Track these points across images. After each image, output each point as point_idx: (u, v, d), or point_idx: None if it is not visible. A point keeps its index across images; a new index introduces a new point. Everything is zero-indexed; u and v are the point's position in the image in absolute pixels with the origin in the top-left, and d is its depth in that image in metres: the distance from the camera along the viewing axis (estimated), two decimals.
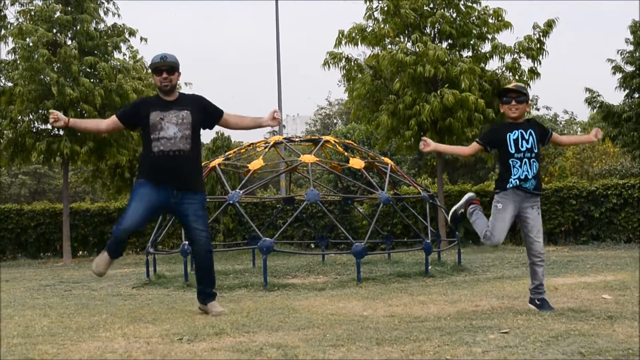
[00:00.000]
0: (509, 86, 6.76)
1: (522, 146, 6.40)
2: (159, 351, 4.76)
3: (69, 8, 19.57)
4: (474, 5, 18.36)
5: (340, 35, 18.37)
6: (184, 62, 7.15)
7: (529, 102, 6.74)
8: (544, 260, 6.48)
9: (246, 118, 7.29)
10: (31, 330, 5.92)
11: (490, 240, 6.48)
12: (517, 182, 6.37)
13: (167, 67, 6.82)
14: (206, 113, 7.03)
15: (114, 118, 7.11)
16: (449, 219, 7.26)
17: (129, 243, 21.24)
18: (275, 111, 7.21)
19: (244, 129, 7.43)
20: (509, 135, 6.45)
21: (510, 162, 6.42)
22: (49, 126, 19.74)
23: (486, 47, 18.49)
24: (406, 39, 18.30)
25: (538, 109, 42.56)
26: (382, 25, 18.38)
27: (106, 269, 6.84)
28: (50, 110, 6.93)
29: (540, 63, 18.12)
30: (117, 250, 6.85)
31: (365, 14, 18.60)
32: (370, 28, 18.49)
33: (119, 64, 19.81)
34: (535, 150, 6.43)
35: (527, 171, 6.39)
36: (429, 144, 6.92)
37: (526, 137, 6.43)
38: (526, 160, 6.39)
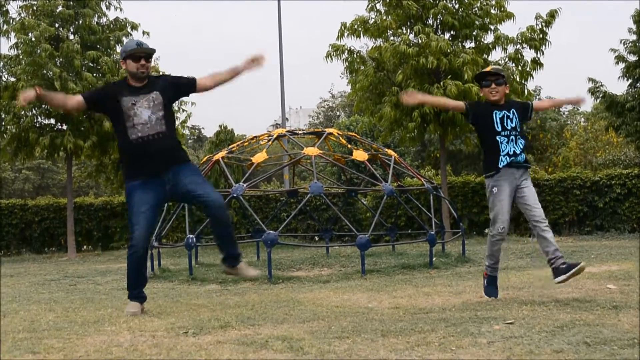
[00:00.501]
0: (487, 69, 6.81)
1: (507, 125, 6.53)
2: (165, 345, 4.77)
3: (71, 2, 19.54)
4: None
5: (343, 28, 18.33)
6: (186, 54, 7.12)
7: (507, 83, 6.78)
8: (548, 225, 6.50)
9: (221, 72, 6.98)
10: (37, 324, 5.93)
11: (495, 228, 6.50)
12: (508, 159, 6.46)
13: (144, 53, 6.67)
14: (177, 86, 6.87)
15: (79, 98, 6.86)
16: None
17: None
18: (254, 58, 6.91)
19: (223, 83, 7.03)
20: (496, 113, 6.56)
21: (498, 139, 6.53)
22: (52, 120, 19.77)
23: (489, 38, 18.44)
24: (408, 31, 18.26)
25: (541, 99, 42.46)
26: (384, 17, 18.34)
27: (139, 309, 6.58)
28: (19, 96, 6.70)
29: (543, 53, 18.06)
30: (138, 279, 6.67)
31: (368, 6, 18.56)
32: (373, 20, 18.45)
33: None
34: (519, 129, 6.57)
35: (515, 147, 6.50)
36: (416, 97, 7.01)
37: (511, 117, 6.57)
38: (512, 137, 6.52)
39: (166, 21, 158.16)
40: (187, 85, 6.91)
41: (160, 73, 19.20)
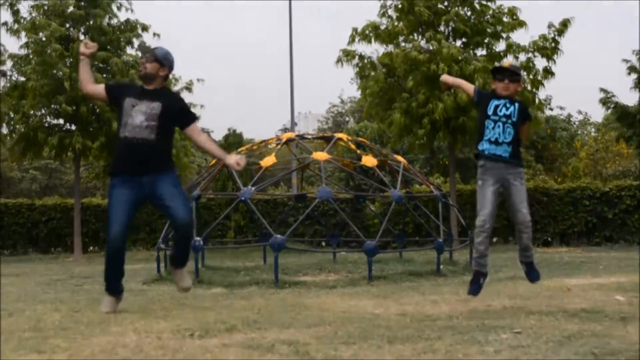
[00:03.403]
0: (505, 64, 6.80)
1: (499, 111, 6.49)
2: (170, 346, 4.75)
3: (82, 3, 19.60)
4: (489, 3, 18.31)
5: (354, 33, 18.37)
6: (196, 60, 7.23)
7: (521, 82, 6.77)
8: (529, 227, 6.52)
9: (214, 144, 7.33)
10: (42, 324, 5.92)
11: (477, 221, 6.51)
12: (488, 145, 6.46)
13: (149, 54, 6.97)
14: (179, 112, 7.02)
15: (101, 87, 7.16)
16: None
17: (139, 240, 21.28)
18: (238, 162, 7.08)
19: (207, 151, 7.37)
20: (493, 101, 6.56)
21: (486, 123, 6.53)
22: (61, 121, 19.80)
23: (500, 46, 18.47)
24: (420, 37, 18.27)
25: (552, 109, 42.37)
26: (395, 23, 18.36)
27: (113, 308, 6.80)
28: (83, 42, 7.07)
29: (555, 62, 18.06)
30: (116, 272, 6.84)
31: (380, 12, 18.59)
32: (384, 26, 18.47)
33: (131, 59, 19.85)
34: (513, 119, 6.47)
35: (500, 134, 6.45)
36: (448, 79, 7.14)
37: (507, 106, 6.51)
38: (500, 124, 6.46)
39: (179, 18, 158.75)
40: (186, 116, 7.11)
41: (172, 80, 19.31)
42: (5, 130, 19.78)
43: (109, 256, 6.77)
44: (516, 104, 6.53)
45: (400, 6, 18.07)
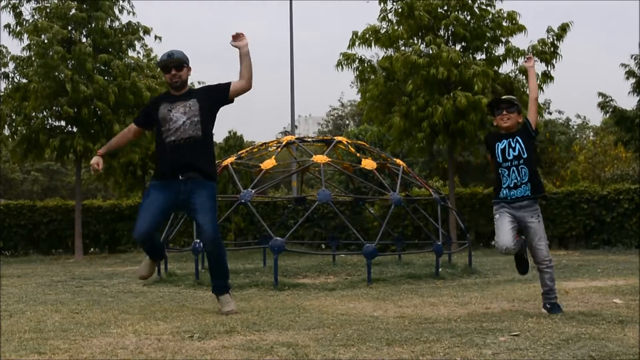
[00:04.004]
0: (501, 98, 6.79)
1: (508, 155, 6.47)
2: (170, 348, 4.79)
3: (84, 5, 19.61)
4: (488, 8, 18.32)
5: (354, 37, 18.39)
6: (197, 61, 7.19)
7: (520, 112, 6.74)
8: (550, 266, 6.47)
9: (241, 69, 7.04)
10: (43, 325, 5.95)
11: (498, 247, 6.51)
12: (508, 192, 6.44)
13: (174, 64, 6.87)
14: (214, 92, 7.03)
15: (132, 127, 7.28)
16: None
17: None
18: (234, 36, 7.07)
19: (250, 70, 7.06)
20: (497, 145, 6.53)
21: (500, 172, 6.52)
22: (63, 123, 19.84)
23: (500, 50, 18.46)
24: (420, 41, 18.30)
25: (550, 113, 42.39)
26: (395, 27, 18.38)
27: (148, 272, 7.37)
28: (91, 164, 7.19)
29: (554, 67, 18.10)
30: (151, 252, 7.21)
31: (380, 16, 18.60)
32: (384, 29, 18.49)
33: (133, 62, 19.90)
34: (524, 156, 6.44)
35: (516, 178, 6.45)
36: (532, 59, 7.00)
37: (513, 145, 6.47)
38: (514, 168, 6.45)
39: (181, 20, 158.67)
40: (223, 89, 7.03)
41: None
42: (7, 132, 19.77)
43: (141, 245, 7.29)
44: (517, 137, 6.49)
45: (400, 10, 18.08)
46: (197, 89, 7.25)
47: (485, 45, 18.23)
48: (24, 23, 19.42)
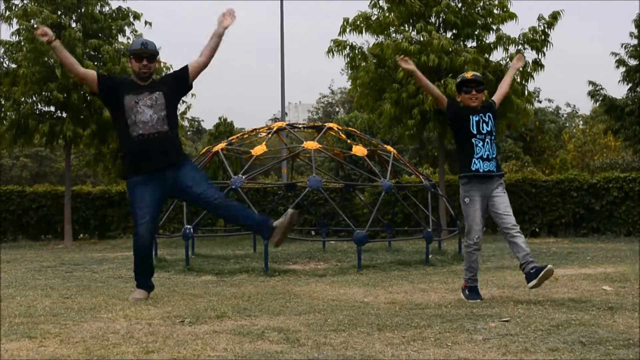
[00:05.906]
0: (467, 76, 6.87)
1: (482, 129, 6.64)
2: (161, 333, 4.79)
3: None
4: None
5: (345, 23, 18.34)
6: (185, 47, 7.11)
7: (485, 90, 6.87)
8: (519, 230, 6.51)
9: (207, 44, 7.03)
10: (33, 310, 5.95)
11: (471, 238, 6.56)
12: (481, 162, 6.53)
13: (147, 54, 6.79)
14: (175, 79, 7.01)
15: (93, 74, 6.93)
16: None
17: (129, 227, 21.24)
18: (224, 14, 7.04)
19: (214, 52, 7.04)
20: (472, 117, 6.67)
21: (473, 141, 6.62)
22: (52, 108, 19.75)
23: (491, 38, 18.43)
24: (411, 28, 18.27)
25: (540, 102, 42.47)
26: (387, 14, 18.34)
27: (144, 297, 6.77)
28: (38, 27, 6.83)
29: (544, 55, 18.09)
30: (144, 269, 6.88)
31: (371, 2, 18.54)
32: (375, 16, 18.44)
33: (123, 47, 19.80)
34: (494, 134, 6.70)
35: (489, 151, 6.60)
36: (410, 65, 7.01)
37: (486, 121, 6.68)
38: (488, 141, 6.62)
39: (167, 11, 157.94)
40: (182, 76, 7.00)
41: (164, 67, 19.28)
42: None
43: (136, 253, 6.80)
44: (489, 115, 6.71)
45: None
46: (160, 80, 7.08)
47: (476, 32, 18.20)
48: (13, 7, 19.30)
